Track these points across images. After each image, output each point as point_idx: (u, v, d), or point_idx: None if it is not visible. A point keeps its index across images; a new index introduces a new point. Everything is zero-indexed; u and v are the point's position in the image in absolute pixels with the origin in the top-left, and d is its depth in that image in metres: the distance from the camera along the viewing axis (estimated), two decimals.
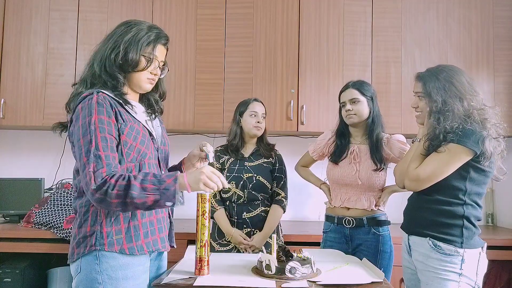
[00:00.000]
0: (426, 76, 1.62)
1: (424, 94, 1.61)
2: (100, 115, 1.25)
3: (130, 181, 1.19)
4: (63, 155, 2.95)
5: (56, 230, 2.34)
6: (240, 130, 2.23)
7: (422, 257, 1.59)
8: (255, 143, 2.27)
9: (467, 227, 1.53)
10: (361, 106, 1.98)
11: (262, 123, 2.23)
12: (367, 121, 2.01)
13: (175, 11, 2.76)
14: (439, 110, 1.54)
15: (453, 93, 1.55)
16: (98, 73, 1.34)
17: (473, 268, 1.52)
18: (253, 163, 2.20)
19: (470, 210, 1.55)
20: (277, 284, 1.28)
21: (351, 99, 1.99)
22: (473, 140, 1.48)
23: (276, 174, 2.22)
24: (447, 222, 1.54)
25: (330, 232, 2.06)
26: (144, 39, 1.35)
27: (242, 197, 2.13)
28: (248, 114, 2.21)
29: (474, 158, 1.50)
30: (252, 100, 2.26)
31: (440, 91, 1.56)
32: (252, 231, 2.13)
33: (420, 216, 1.61)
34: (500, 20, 2.76)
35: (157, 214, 1.37)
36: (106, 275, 1.25)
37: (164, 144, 1.50)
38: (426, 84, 1.59)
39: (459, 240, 1.52)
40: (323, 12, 2.76)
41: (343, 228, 2.00)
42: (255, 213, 2.14)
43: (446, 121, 1.52)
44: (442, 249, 1.53)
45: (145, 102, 1.49)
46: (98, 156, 1.21)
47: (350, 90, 2.01)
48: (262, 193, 2.16)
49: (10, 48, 2.73)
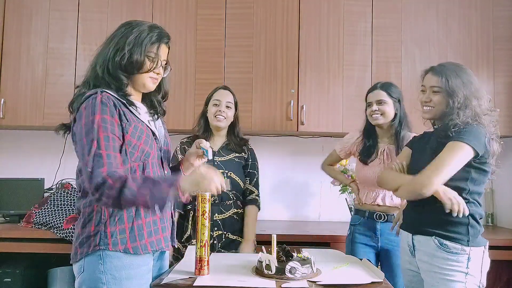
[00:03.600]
0: (447, 71, 1.60)
1: (442, 89, 1.58)
2: (104, 114, 1.25)
3: (127, 182, 1.19)
4: (63, 155, 2.94)
5: (56, 230, 2.33)
6: (205, 120, 2.12)
7: (427, 257, 1.57)
8: (224, 135, 2.14)
9: (473, 225, 1.53)
10: (388, 107, 1.99)
11: (227, 112, 2.07)
12: (393, 122, 2.02)
13: (175, 11, 2.76)
14: (460, 106, 1.54)
15: (472, 91, 1.56)
16: (100, 75, 1.34)
17: (478, 267, 1.52)
18: (224, 158, 2.08)
19: (474, 208, 1.55)
20: (277, 284, 1.28)
21: (377, 100, 2.00)
22: (478, 139, 1.49)
23: (249, 170, 2.12)
24: (453, 220, 1.52)
25: (360, 225, 2.07)
26: (147, 39, 1.35)
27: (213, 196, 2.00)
28: (211, 103, 2.09)
29: (477, 159, 1.52)
30: (217, 89, 2.14)
31: (461, 87, 1.56)
32: (224, 234, 2.01)
33: (425, 215, 1.59)
34: (500, 20, 2.75)
35: (160, 214, 1.37)
36: (110, 275, 1.25)
37: (167, 145, 1.51)
38: (449, 79, 1.57)
39: (465, 238, 1.51)
40: (323, 12, 2.76)
41: (374, 222, 2.01)
42: (227, 215, 2.02)
43: (464, 117, 1.53)
44: (448, 247, 1.52)
45: (147, 103, 1.49)
46: (99, 155, 1.21)
47: (378, 91, 2.02)
48: (235, 191, 2.04)
49: (10, 48, 2.72)
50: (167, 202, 1.24)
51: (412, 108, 1.72)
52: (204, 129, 2.12)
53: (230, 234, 2.02)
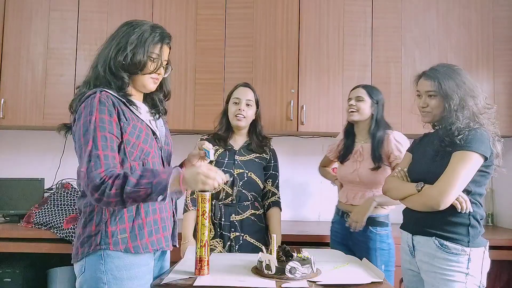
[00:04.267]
0: (439, 75, 1.61)
1: (437, 93, 1.60)
2: (102, 114, 1.25)
3: (127, 177, 1.19)
4: (63, 155, 2.94)
5: (56, 230, 2.33)
6: (226, 119, 2.06)
7: (427, 257, 1.57)
8: (245, 134, 2.09)
9: (473, 225, 1.53)
10: (364, 105, 2.03)
11: (247, 111, 2.00)
12: (370, 122, 2.05)
13: (175, 11, 2.76)
14: (457, 108, 1.55)
15: (466, 92, 1.56)
16: (102, 74, 1.33)
17: (478, 267, 1.52)
18: (244, 158, 2.03)
19: (475, 208, 1.54)
20: (277, 284, 1.28)
21: (356, 96, 2.05)
22: (485, 145, 1.50)
23: (271, 171, 2.08)
24: (453, 220, 1.53)
25: (336, 223, 2.16)
26: (149, 40, 1.35)
27: (231, 195, 1.95)
28: (231, 101, 2.03)
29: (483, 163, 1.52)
30: (238, 86, 2.08)
31: (455, 89, 1.56)
32: (242, 236, 1.94)
33: (425, 215, 1.58)
34: (500, 20, 2.75)
35: (161, 213, 1.37)
36: (111, 275, 1.25)
37: (168, 144, 1.51)
38: (442, 82, 1.58)
39: (466, 239, 1.51)
40: (323, 12, 2.76)
41: (345, 221, 2.04)
42: (244, 216, 1.97)
43: (464, 119, 1.53)
44: (448, 248, 1.52)
45: (149, 102, 1.49)
46: (97, 156, 1.21)
47: (359, 89, 2.08)
48: (253, 192, 2.00)
49: (10, 48, 2.72)
50: (168, 190, 1.20)
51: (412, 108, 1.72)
52: (226, 127, 2.06)
53: (248, 236, 1.96)
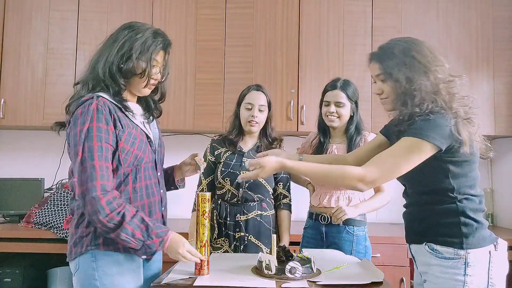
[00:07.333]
0: (381, 54, 1.39)
1: (385, 75, 1.37)
2: (99, 122, 1.26)
3: (124, 220, 1.22)
4: (63, 155, 2.94)
5: (56, 230, 2.34)
6: (239, 122, 2.03)
7: (425, 267, 1.37)
8: (256, 136, 2.07)
9: (466, 223, 1.30)
10: (345, 110, 1.95)
11: (260, 117, 1.98)
12: (348, 125, 1.99)
13: (175, 11, 2.76)
14: (405, 91, 1.32)
15: (416, 67, 1.32)
16: (101, 77, 1.33)
17: (482, 272, 1.27)
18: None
19: (464, 203, 1.32)
20: (277, 284, 1.28)
21: (336, 102, 1.95)
22: (441, 133, 1.26)
23: (282, 174, 2.05)
24: (441, 221, 1.33)
25: (309, 228, 2.05)
26: (152, 47, 1.36)
27: (236, 196, 1.95)
28: (243, 106, 1.99)
29: (448, 153, 1.29)
30: (250, 89, 2.02)
31: (401, 68, 1.33)
32: (246, 236, 1.92)
33: (414, 220, 1.42)
34: (500, 20, 2.75)
35: (151, 216, 1.38)
36: (102, 271, 1.29)
37: (161, 146, 1.52)
38: (383, 62, 1.37)
39: (457, 241, 1.29)
40: (323, 12, 2.76)
41: (319, 224, 1.98)
42: (250, 217, 1.95)
43: (414, 103, 1.30)
44: (440, 252, 1.31)
45: (143, 104, 1.49)
46: (92, 167, 1.23)
47: (338, 92, 1.95)
48: (259, 194, 1.97)
49: (10, 48, 2.72)
50: (154, 253, 1.33)
51: None
52: (239, 132, 2.04)
53: (253, 237, 1.94)
